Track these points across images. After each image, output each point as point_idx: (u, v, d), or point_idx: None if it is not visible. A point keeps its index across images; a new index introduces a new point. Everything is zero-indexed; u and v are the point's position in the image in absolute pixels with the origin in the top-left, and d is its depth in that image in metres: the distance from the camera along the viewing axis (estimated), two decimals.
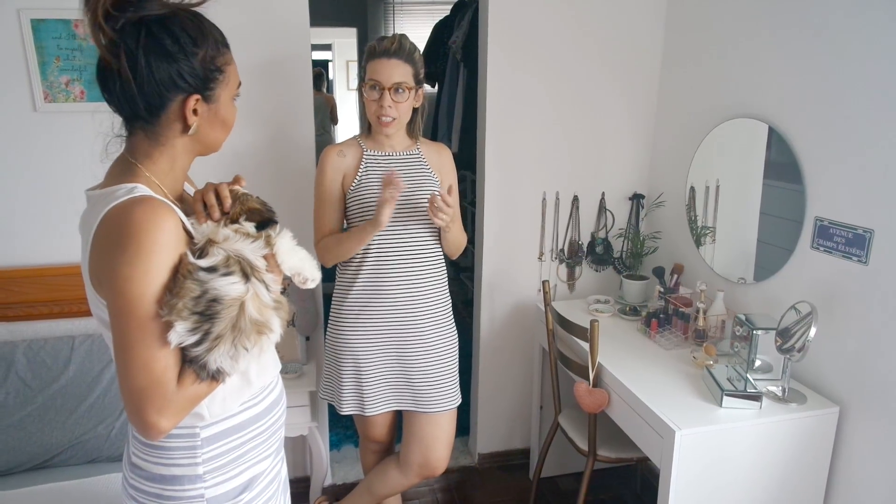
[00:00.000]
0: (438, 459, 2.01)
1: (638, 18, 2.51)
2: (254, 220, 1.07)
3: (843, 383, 1.79)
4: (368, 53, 1.83)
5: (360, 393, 1.94)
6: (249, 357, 1.01)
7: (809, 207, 1.87)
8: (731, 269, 2.23)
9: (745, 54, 2.11)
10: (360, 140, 1.92)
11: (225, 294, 0.96)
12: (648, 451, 1.83)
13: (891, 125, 1.61)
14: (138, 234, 0.92)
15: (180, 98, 1.00)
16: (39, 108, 2.10)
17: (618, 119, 2.60)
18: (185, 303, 0.94)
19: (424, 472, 2.02)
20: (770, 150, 2.02)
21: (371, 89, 1.81)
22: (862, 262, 1.70)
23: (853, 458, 1.78)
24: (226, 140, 1.12)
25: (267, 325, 1.02)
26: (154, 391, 0.94)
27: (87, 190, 1.07)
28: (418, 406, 1.96)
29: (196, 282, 0.95)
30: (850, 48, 1.71)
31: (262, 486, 1.19)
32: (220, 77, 1.04)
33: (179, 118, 1.02)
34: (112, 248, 0.94)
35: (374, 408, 1.96)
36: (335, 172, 1.87)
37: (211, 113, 1.05)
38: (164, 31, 0.98)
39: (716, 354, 2.01)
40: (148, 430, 0.95)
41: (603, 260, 2.70)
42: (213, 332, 0.96)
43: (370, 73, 1.81)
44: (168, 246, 0.95)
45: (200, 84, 1.01)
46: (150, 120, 1.01)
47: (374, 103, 1.81)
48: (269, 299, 1.03)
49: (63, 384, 2.01)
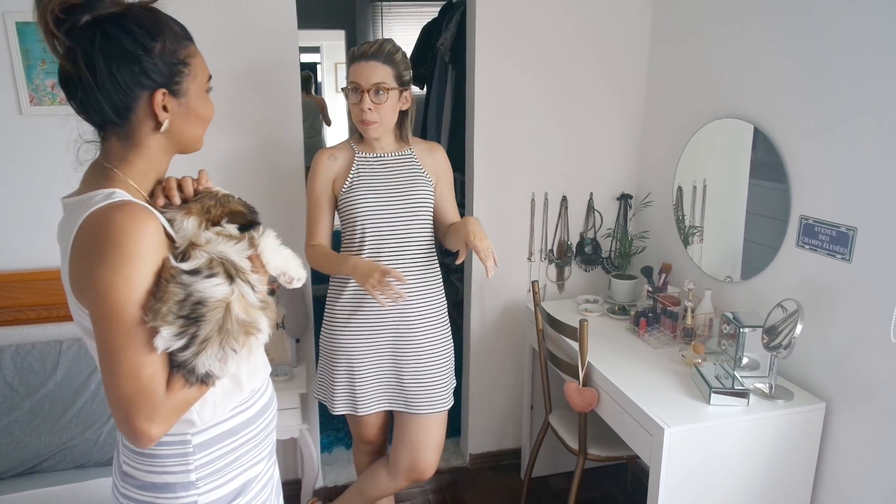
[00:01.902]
0: (426, 463, 2.00)
1: (626, 20, 2.53)
2: (236, 222, 1.06)
3: (829, 380, 1.81)
4: (349, 58, 1.86)
5: (353, 393, 1.95)
6: (238, 359, 1.00)
7: (794, 206, 1.89)
8: (719, 267, 2.25)
9: (731, 55, 2.13)
10: (352, 143, 1.93)
11: (209, 296, 0.95)
12: (638, 450, 1.84)
13: (873, 125, 1.63)
14: (119, 239, 0.91)
15: (146, 95, 0.99)
16: (25, 112, 2.08)
17: (606, 120, 2.62)
18: (169, 307, 0.93)
19: (412, 475, 2.01)
20: (756, 149, 2.04)
21: (352, 92, 1.82)
22: (846, 260, 1.72)
23: (840, 453, 1.80)
24: (204, 135, 1.09)
25: (255, 326, 1.01)
26: (142, 399, 0.92)
27: (63, 198, 1.04)
28: (409, 407, 1.96)
29: (179, 285, 0.94)
30: (835, 49, 1.73)
31: (256, 490, 1.18)
32: (184, 70, 1.02)
33: (150, 116, 1.00)
34: (92, 254, 0.92)
35: (367, 408, 1.96)
36: (326, 176, 1.89)
37: (182, 107, 1.03)
38: (120, 29, 0.95)
39: (704, 352, 2.03)
40: (138, 439, 0.94)
41: (592, 260, 2.71)
42: (200, 336, 0.95)
43: (350, 75, 1.83)
44: (150, 251, 0.93)
45: (164, 79, 0.99)
46: (121, 123, 0.99)
47: (356, 106, 1.82)
48: (256, 299, 1.02)
49: (51, 389, 2.00)
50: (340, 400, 1.96)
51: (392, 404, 1.98)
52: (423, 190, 1.90)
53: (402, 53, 1.85)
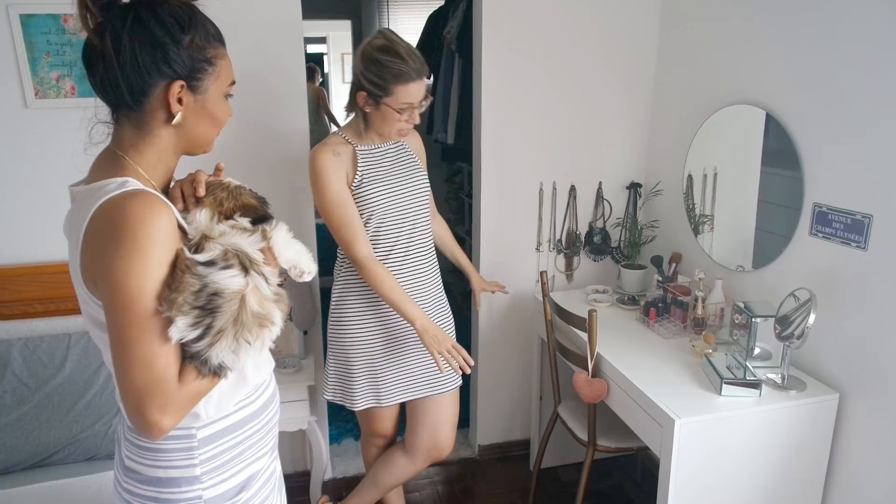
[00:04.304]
0: (446, 440, 2.04)
1: (634, 7, 2.49)
2: (249, 216, 1.05)
3: (842, 370, 1.78)
4: (396, 76, 1.71)
5: (376, 385, 1.95)
6: (251, 351, 1.00)
7: (808, 194, 1.86)
8: (730, 256, 2.22)
9: (741, 40, 2.09)
10: (345, 136, 1.86)
11: (225, 287, 0.95)
12: (648, 441, 1.83)
13: (888, 109, 1.60)
14: (134, 228, 0.90)
15: (164, 84, 0.98)
16: (30, 105, 2.08)
17: (614, 108, 2.59)
18: (185, 297, 0.92)
19: (433, 454, 2.04)
20: (768, 136, 2.00)
21: (401, 111, 1.76)
22: (861, 248, 1.69)
23: (853, 444, 1.77)
24: (215, 139, 1.09)
25: (269, 318, 1.01)
26: (156, 389, 0.92)
27: (70, 186, 1.03)
28: (431, 390, 1.98)
29: (195, 276, 0.94)
30: (847, 32, 1.70)
31: (259, 484, 1.18)
32: (208, 69, 1.02)
33: (163, 105, 1.00)
34: (107, 243, 0.91)
35: (391, 398, 1.97)
36: (338, 172, 1.81)
37: (198, 104, 1.03)
38: (152, 15, 0.96)
39: (715, 343, 2.01)
40: (150, 430, 0.93)
41: (601, 250, 2.69)
42: (215, 327, 0.94)
43: (403, 96, 1.73)
44: (165, 241, 0.93)
45: (186, 72, 0.99)
46: (134, 106, 0.99)
47: (403, 122, 1.78)
48: (270, 292, 1.02)
49: (60, 382, 2.00)
50: (362, 394, 1.96)
51: (412, 392, 1.99)
52: (420, 175, 1.93)
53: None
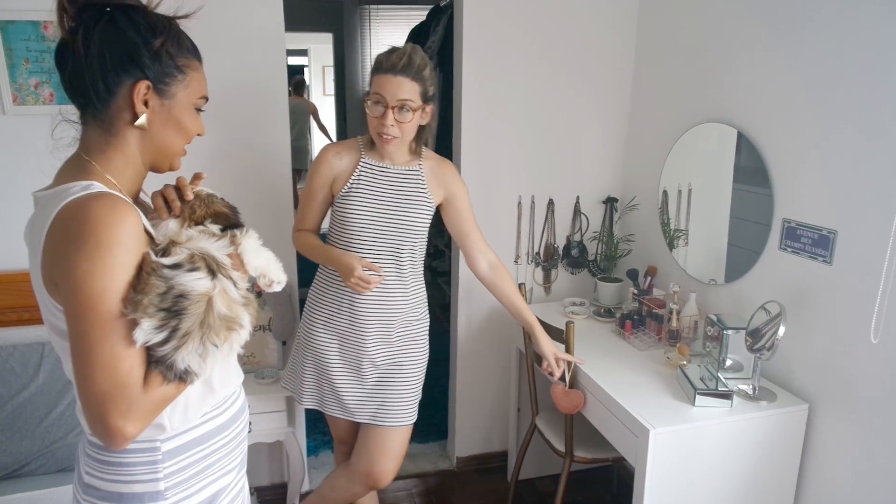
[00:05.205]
0: (383, 472, 1.92)
1: (610, 25, 2.55)
2: (220, 223, 1.05)
3: (811, 381, 1.83)
4: (375, 66, 1.73)
5: (321, 391, 1.94)
6: (219, 355, 0.97)
7: (777, 210, 1.91)
8: (703, 270, 2.27)
9: (715, 60, 2.16)
10: (361, 145, 1.84)
11: (192, 289, 0.93)
12: (624, 451, 1.85)
13: (852, 129, 1.66)
14: (97, 228, 0.88)
15: (130, 83, 0.98)
16: (8, 111, 2.06)
17: (591, 123, 2.64)
18: (150, 299, 0.90)
19: (368, 481, 1.94)
20: (739, 154, 2.06)
21: (374, 105, 1.71)
22: (826, 262, 1.75)
23: (823, 454, 1.82)
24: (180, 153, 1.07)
25: (237, 321, 0.99)
26: (118, 394, 0.88)
27: (34, 192, 1.00)
28: (374, 419, 1.91)
29: (161, 278, 0.92)
30: (818, 55, 1.76)
31: (227, 500, 1.14)
32: (178, 76, 1.01)
33: (129, 106, 0.98)
34: (69, 244, 0.88)
35: (333, 411, 1.94)
36: (328, 173, 1.82)
37: (164, 109, 1.01)
38: (127, 19, 0.97)
39: (689, 354, 2.05)
40: (112, 438, 0.89)
41: (578, 263, 2.72)
42: (181, 329, 0.92)
43: (375, 86, 1.71)
44: (130, 243, 0.90)
45: (153, 74, 0.98)
46: (100, 106, 0.98)
47: (377, 119, 1.72)
48: (238, 295, 1.00)
49: (33, 392, 1.97)
50: (309, 394, 1.95)
51: (358, 416, 1.92)
52: (420, 210, 1.83)
53: (430, 67, 1.75)
